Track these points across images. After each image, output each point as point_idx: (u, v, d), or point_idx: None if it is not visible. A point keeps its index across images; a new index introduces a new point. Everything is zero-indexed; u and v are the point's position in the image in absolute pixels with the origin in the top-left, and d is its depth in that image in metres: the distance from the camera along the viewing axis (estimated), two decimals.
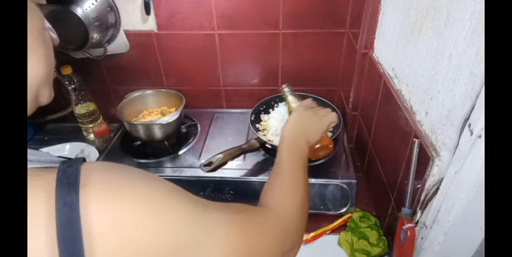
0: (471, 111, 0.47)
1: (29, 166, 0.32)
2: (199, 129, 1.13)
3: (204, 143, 1.06)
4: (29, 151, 0.34)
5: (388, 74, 0.81)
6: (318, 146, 0.74)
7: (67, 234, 0.29)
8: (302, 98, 0.85)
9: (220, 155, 0.90)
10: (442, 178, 0.55)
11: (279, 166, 0.63)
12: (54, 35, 0.41)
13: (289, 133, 0.70)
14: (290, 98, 0.84)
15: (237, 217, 0.43)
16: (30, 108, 0.39)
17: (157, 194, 0.36)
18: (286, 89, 0.85)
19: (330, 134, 0.77)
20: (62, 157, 0.39)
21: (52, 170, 0.33)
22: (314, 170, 0.90)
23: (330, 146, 0.76)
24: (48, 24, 0.40)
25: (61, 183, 0.31)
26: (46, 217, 0.29)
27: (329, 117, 0.76)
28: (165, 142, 1.04)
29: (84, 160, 0.35)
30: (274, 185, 0.58)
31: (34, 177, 0.31)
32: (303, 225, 0.54)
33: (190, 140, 1.07)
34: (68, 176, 0.31)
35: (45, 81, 0.39)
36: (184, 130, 1.14)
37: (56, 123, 1.26)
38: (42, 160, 0.36)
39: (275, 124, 1.01)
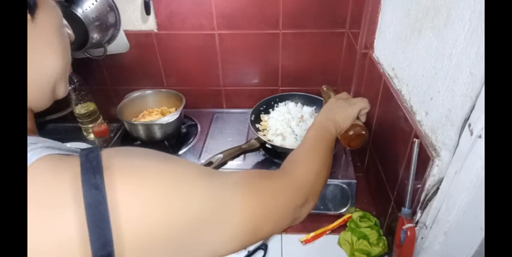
0: (471, 111, 0.47)
1: (50, 152, 0.33)
2: (199, 129, 1.13)
3: (204, 143, 1.06)
4: (48, 140, 0.36)
5: (388, 74, 0.81)
6: (351, 133, 0.76)
7: (96, 213, 0.30)
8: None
9: (220, 155, 0.90)
10: (442, 178, 0.55)
11: (303, 141, 0.66)
12: (70, 31, 0.44)
13: (319, 118, 0.74)
14: (328, 93, 0.88)
15: (251, 181, 0.45)
16: (48, 102, 0.41)
17: (178, 172, 0.37)
18: (325, 88, 0.91)
19: (363, 120, 0.79)
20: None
21: (74, 156, 0.34)
22: None
23: (363, 132, 0.77)
24: (65, 21, 0.41)
25: (85, 167, 0.32)
26: (73, 199, 0.30)
27: (360, 104, 0.78)
28: (165, 142, 1.04)
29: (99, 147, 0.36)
30: (294, 155, 0.62)
31: (58, 161, 0.32)
32: (317, 185, 0.57)
33: (190, 140, 1.07)
34: (91, 161, 0.33)
35: (62, 76, 0.41)
36: (184, 130, 1.14)
37: (56, 123, 1.26)
38: (63, 148, 0.36)
39: (275, 124, 1.01)
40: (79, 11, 0.93)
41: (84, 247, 0.29)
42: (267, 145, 0.96)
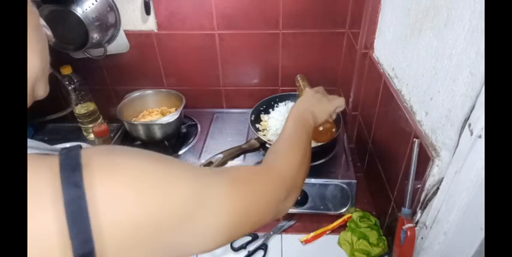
0: (471, 111, 0.47)
1: (29, 152, 0.33)
2: (199, 129, 1.13)
3: (204, 143, 1.06)
4: (29, 139, 0.35)
5: (388, 74, 0.81)
6: (321, 128, 0.76)
7: (74, 210, 0.30)
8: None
9: (220, 155, 0.90)
10: (442, 178, 0.55)
11: (283, 132, 0.66)
12: (49, 32, 0.43)
13: (298, 107, 0.73)
14: (303, 83, 0.88)
15: (234, 175, 0.46)
16: (27, 102, 0.40)
17: (161, 169, 0.37)
18: (300, 78, 0.89)
19: (334, 118, 0.79)
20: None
21: (53, 155, 0.34)
22: (314, 170, 0.90)
23: (333, 130, 0.78)
24: (43, 22, 0.41)
25: (64, 165, 0.32)
26: (53, 196, 0.30)
27: (337, 101, 0.77)
28: (165, 142, 1.04)
29: (81, 146, 0.36)
30: (276, 146, 0.62)
31: (37, 160, 0.33)
32: (299, 178, 0.58)
33: (190, 140, 1.07)
34: (70, 159, 0.33)
35: (41, 76, 0.40)
36: (184, 130, 1.14)
37: (56, 123, 1.26)
38: (42, 148, 0.37)
39: (275, 124, 1.01)
40: (79, 11, 0.93)
41: (63, 244, 0.30)
42: (267, 145, 0.96)
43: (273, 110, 1.08)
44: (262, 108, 1.08)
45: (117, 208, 0.32)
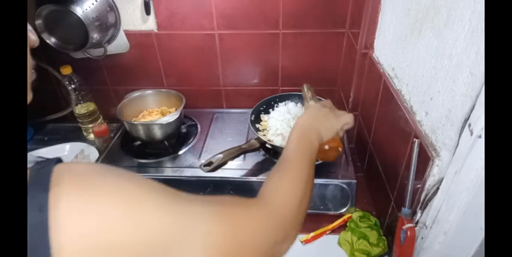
0: (471, 111, 0.47)
1: None
2: (199, 129, 1.13)
3: (204, 143, 1.06)
4: None
5: (388, 74, 0.81)
6: (326, 147, 0.71)
7: (36, 236, 0.28)
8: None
9: (220, 155, 0.90)
10: (442, 178, 0.55)
11: (285, 157, 0.60)
12: (34, 37, 0.40)
13: (303, 123, 0.68)
14: (309, 95, 0.83)
15: (220, 208, 0.41)
16: None
17: (136, 192, 0.34)
18: (306, 88, 0.85)
19: (341, 135, 0.74)
20: (40, 157, 0.38)
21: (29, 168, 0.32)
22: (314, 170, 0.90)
23: (340, 148, 0.73)
24: (29, 26, 0.40)
25: (32, 184, 0.30)
26: None
27: (345, 118, 0.72)
28: (165, 142, 1.04)
29: (59, 160, 0.34)
30: (276, 176, 0.56)
31: None
32: (299, 218, 0.52)
33: (190, 140, 1.07)
34: (40, 178, 0.31)
35: None
36: (184, 130, 1.14)
37: (56, 123, 1.26)
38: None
39: (275, 124, 1.01)
40: (79, 11, 0.93)
41: None
42: (267, 145, 0.96)
43: (273, 110, 1.08)
44: (262, 108, 1.08)
45: (82, 234, 0.30)
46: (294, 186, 0.54)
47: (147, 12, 1.03)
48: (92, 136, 1.18)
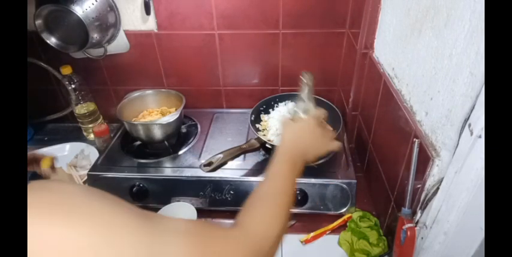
0: (471, 111, 0.47)
1: None
2: (199, 129, 1.13)
3: (204, 143, 1.06)
4: None
5: (388, 74, 0.81)
6: None
7: None
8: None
9: (220, 155, 0.90)
10: (442, 178, 0.55)
11: (267, 182, 0.59)
12: None
13: (289, 145, 0.67)
14: (306, 91, 0.78)
15: (197, 230, 0.41)
16: None
17: (110, 213, 0.34)
18: (306, 76, 0.79)
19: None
20: None
21: None
22: (314, 170, 0.90)
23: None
24: None
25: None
26: None
27: (333, 146, 0.73)
28: (165, 142, 1.04)
29: (34, 176, 0.33)
30: (257, 204, 0.55)
31: None
32: (276, 247, 0.51)
33: (190, 140, 1.07)
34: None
35: None
36: (184, 130, 1.14)
37: (56, 123, 1.26)
38: None
39: (275, 124, 1.01)
40: (79, 11, 0.93)
41: None
42: (267, 145, 0.96)
43: (273, 110, 1.08)
44: (262, 108, 1.08)
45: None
46: (274, 214, 0.53)
47: (147, 12, 1.03)
48: (92, 136, 1.18)
